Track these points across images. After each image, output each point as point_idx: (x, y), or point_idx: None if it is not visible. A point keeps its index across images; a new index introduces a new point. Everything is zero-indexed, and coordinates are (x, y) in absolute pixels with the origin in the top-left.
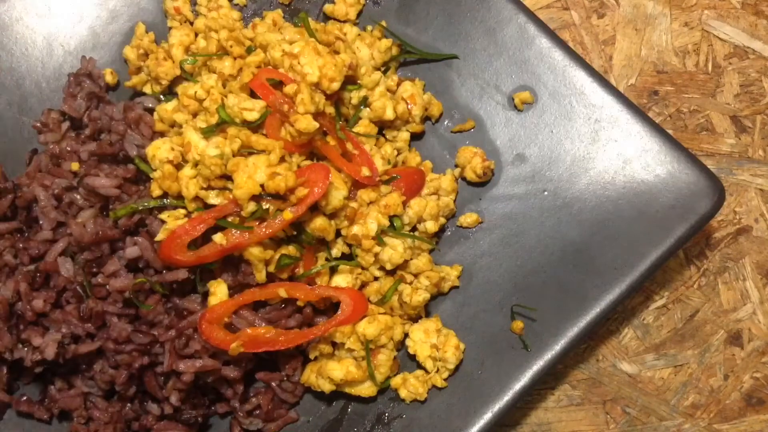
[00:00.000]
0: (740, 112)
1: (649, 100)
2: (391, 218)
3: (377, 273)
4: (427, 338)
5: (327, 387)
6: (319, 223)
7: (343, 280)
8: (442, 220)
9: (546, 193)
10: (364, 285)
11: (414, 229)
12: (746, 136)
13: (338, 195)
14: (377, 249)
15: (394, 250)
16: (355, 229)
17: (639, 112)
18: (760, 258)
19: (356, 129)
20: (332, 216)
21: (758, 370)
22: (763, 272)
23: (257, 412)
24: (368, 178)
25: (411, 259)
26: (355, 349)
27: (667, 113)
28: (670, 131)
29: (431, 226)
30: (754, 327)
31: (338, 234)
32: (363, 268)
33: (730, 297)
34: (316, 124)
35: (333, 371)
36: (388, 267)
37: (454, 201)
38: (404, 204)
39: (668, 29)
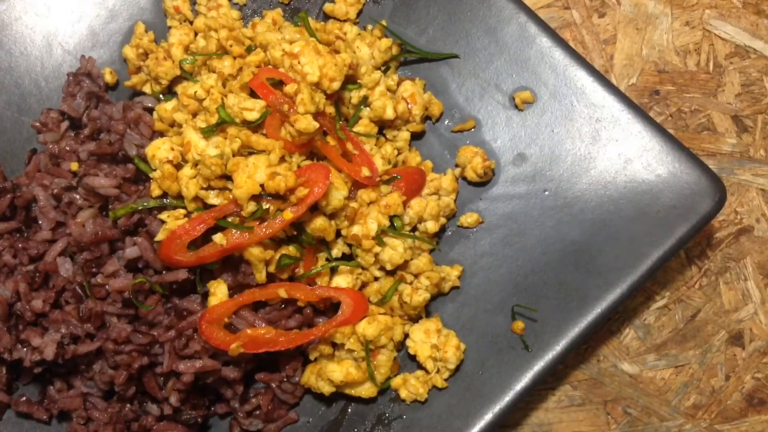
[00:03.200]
0: (741, 111)
1: (650, 100)
2: (391, 218)
3: (377, 273)
4: (427, 338)
5: (327, 389)
6: (319, 223)
7: (343, 280)
8: (443, 220)
9: (547, 192)
10: (364, 285)
11: (414, 229)
12: (747, 135)
13: (338, 195)
14: (377, 249)
15: (395, 250)
16: (356, 229)
17: (640, 112)
18: (761, 258)
19: (356, 129)
20: (332, 216)
21: (759, 371)
22: (764, 272)
23: (257, 412)
24: (368, 178)
25: (411, 259)
26: (355, 349)
27: (668, 113)
28: (671, 131)
29: (432, 226)
30: (755, 327)
31: (338, 234)
32: (363, 269)
33: (732, 297)
34: (316, 124)
35: (333, 373)
36: (389, 267)
37: (455, 201)
38: (405, 204)
39: (669, 28)
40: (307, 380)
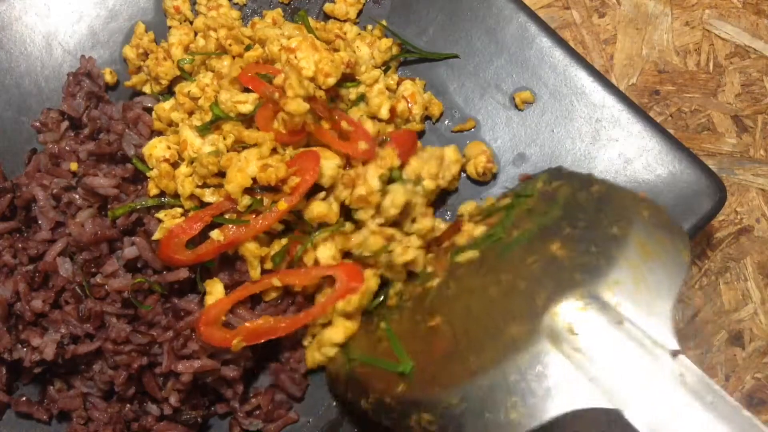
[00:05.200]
0: (741, 111)
1: (650, 100)
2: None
3: (374, 227)
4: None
5: (332, 351)
6: (317, 210)
7: (327, 251)
8: (442, 182)
9: None
10: (347, 254)
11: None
12: (747, 135)
13: (331, 164)
14: (378, 199)
15: (396, 193)
16: (359, 190)
17: (640, 112)
18: (761, 258)
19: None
20: (331, 190)
21: (759, 371)
22: (764, 272)
23: (257, 412)
24: (367, 151)
25: (411, 203)
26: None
27: (669, 113)
28: (671, 131)
29: (429, 185)
30: (755, 327)
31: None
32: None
33: (732, 297)
34: (307, 105)
35: (332, 336)
36: (392, 212)
37: (458, 174)
38: (401, 167)
39: (669, 28)
40: (312, 360)
